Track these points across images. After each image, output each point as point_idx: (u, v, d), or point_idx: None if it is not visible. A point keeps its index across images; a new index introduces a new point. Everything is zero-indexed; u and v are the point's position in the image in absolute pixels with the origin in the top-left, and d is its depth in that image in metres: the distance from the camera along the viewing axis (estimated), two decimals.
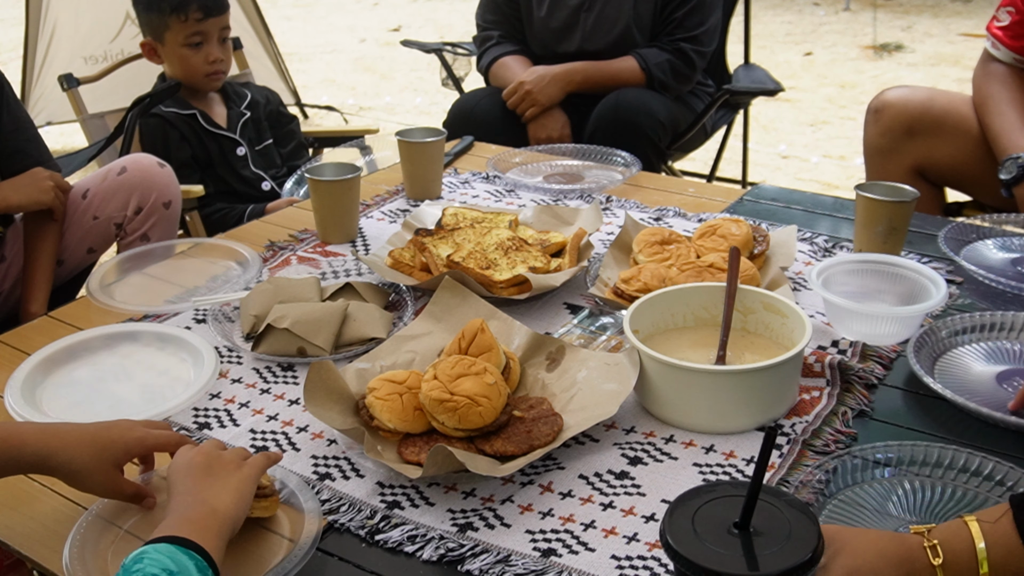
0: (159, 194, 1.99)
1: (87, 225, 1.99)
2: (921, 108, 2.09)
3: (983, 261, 1.60)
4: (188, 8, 2.29)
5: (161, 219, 2.04)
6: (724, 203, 1.93)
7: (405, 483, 1.10)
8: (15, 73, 4.61)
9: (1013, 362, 1.32)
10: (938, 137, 2.09)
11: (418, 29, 7.63)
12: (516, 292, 1.48)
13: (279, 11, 8.18)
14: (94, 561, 0.98)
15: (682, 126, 2.71)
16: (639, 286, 1.42)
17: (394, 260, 1.60)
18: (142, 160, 2.03)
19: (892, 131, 2.11)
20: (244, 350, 1.40)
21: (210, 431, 1.23)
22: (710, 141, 3.02)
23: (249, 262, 1.67)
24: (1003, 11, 2.01)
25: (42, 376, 1.35)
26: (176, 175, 2.10)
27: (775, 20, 7.31)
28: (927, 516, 1.03)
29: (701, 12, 2.59)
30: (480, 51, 2.80)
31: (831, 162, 4.30)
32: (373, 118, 5.27)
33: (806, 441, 1.15)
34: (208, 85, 2.40)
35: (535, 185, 2.04)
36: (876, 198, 1.56)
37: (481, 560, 0.98)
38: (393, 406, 1.14)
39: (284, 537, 1.03)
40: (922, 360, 1.28)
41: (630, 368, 1.20)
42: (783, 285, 1.44)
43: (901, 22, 7.06)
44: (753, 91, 2.83)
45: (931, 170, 2.16)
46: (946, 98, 2.13)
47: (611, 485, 1.09)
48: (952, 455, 1.08)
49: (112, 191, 1.98)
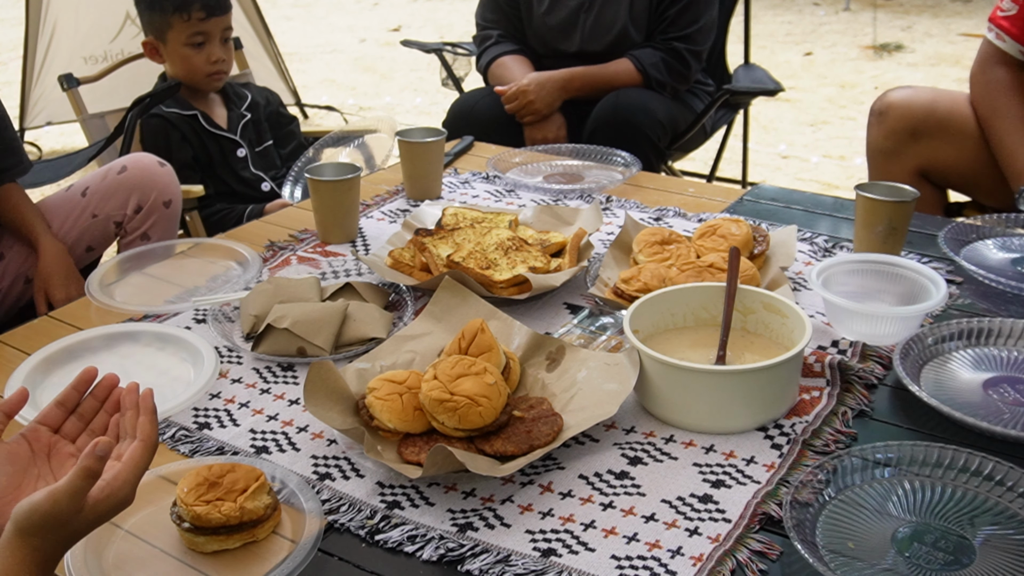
0: (159, 193, 1.99)
1: (86, 223, 1.99)
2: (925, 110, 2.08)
3: (983, 261, 1.60)
4: (191, 7, 2.29)
5: (161, 218, 2.04)
6: (724, 203, 1.93)
7: (405, 483, 1.10)
8: (15, 73, 4.62)
9: (1000, 369, 1.31)
10: (942, 139, 2.08)
11: (418, 29, 7.63)
12: (516, 292, 1.48)
13: (279, 11, 8.18)
14: (95, 561, 0.98)
15: (682, 126, 2.71)
16: (639, 286, 1.42)
17: (394, 260, 1.60)
18: (143, 159, 2.03)
19: (896, 133, 2.10)
20: (244, 350, 1.40)
21: (210, 431, 1.23)
22: (710, 141, 3.02)
23: (249, 262, 1.68)
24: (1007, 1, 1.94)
25: (42, 376, 1.35)
26: (177, 175, 2.10)
27: (775, 20, 7.31)
28: (927, 516, 1.03)
29: (694, 10, 2.59)
30: (479, 50, 2.80)
31: (831, 162, 4.30)
32: (373, 118, 5.27)
33: (806, 441, 1.15)
34: (209, 85, 2.40)
35: (535, 185, 2.04)
36: (876, 198, 1.56)
37: (481, 560, 0.98)
38: (393, 406, 1.14)
39: (285, 537, 1.03)
40: (908, 366, 1.27)
41: (630, 368, 1.20)
42: (783, 285, 1.44)
43: (901, 22, 7.06)
44: (753, 91, 2.83)
45: (935, 172, 2.15)
46: (949, 99, 2.12)
47: (611, 485, 1.09)
48: (952, 455, 1.08)
49: (112, 190, 1.98)
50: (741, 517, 1.03)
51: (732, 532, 1.01)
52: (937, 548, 0.98)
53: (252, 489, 1.01)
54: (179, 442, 1.21)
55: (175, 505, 1.02)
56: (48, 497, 0.82)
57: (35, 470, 0.93)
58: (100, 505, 0.85)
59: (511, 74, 2.64)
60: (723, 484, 1.08)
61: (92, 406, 0.98)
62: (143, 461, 0.90)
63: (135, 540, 1.03)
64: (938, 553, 0.97)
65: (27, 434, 0.94)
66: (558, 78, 2.56)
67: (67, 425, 0.97)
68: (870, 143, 2.20)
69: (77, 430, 0.97)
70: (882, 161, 2.16)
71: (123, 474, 0.87)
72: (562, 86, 2.56)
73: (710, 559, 0.97)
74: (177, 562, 1.00)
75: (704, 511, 1.04)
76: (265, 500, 1.03)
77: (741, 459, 1.13)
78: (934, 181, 2.18)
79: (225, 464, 1.05)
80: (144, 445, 0.90)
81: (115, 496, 0.86)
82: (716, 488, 1.08)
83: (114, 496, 0.86)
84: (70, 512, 0.83)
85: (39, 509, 0.82)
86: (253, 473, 1.04)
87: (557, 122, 2.60)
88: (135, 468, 0.88)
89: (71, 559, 0.96)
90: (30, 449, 0.94)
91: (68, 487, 0.82)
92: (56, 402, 0.97)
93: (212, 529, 0.99)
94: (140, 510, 1.05)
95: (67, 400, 0.97)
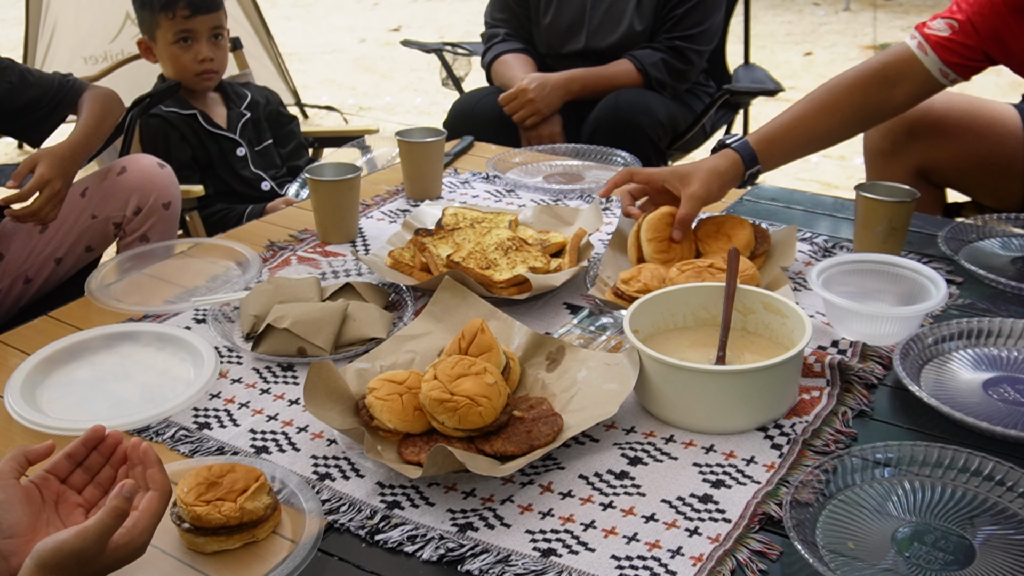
0: (159, 195, 1.99)
1: (85, 223, 1.99)
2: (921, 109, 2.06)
3: (983, 261, 1.60)
4: (176, 5, 2.30)
5: (160, 220, 2.04)
6: (724, 203, 1.93)
7: (405, 483, 1.10)
8: None
9: (1000, 369, 1.31)
10: (940, 138, 2.07)
11: (418, 29, 7.63)
12: (516, 292, 1.48)
13: (279, 11, 8.19)
14: None
15: (682, 126, 2.71)
16: (639, 286, 1.42)
17: (394, 260, 1.60)
18: (142, 160, 2.03)
19: (893, 132, 2.09)
20: (244, 350, 1.40)
21: (210, 431, 1.23)
22: (710, 141, 3.02)
23: (249, 262, 1.68)
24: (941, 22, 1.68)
25: (42, 376, 1.35)
26: (176, 175, 2.10)
27: (775, 20, 7.31)
28: (927, 516, 1.03)
29: (701, 11, 2.59)
30: (485, 47, 2.82)
31: (831, 162, 4.30)
32: (373, 118, 5.28)
33: (806, 441, 1.15)
34: (199, 84, 2.40)
35: (535, 185, 2.04)
36: (876, 198, 1.56)
37: (481, 560, 0.98)
38: (393, 406, 1.14)
39: (285, 538, 1.03)
40: (908, 366, 1.27)
41: (630, 368, 1.20)
42: (783, 285, 1.44)
43: (901, 22, 7.06)
44: (753, 91, 2.83)
45: (934, 171, 2.14)
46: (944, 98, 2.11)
47: (611, 485, 1.09)
48: (952, 455, 1.08)
49: (111, 191, 1.99)
50: (741, 517, 1.03)
51: (732, 532, 1.01)
52: (937, 548, 0.98)
53: (252, 489, 1.01)
54: (179, 442, 1.21)
55: (175, 505, 1.02)
56: (78, 535, 0.84)
57: (44, 516, 0.94)
58: (119, 551, 0.87)
59: (513, 72, 2.64)
60: (723, 484, 1.08)
61: (98, 461, 1.01)
62: (160, 509, 0.92)
63: None
64: (938, 553, 0.97)
65: (37, 481, 0.96)
66: (559, 79, 2.56)
67: (74, 476, 0.99)
68: (867, 144, 2.19)
69: (83, 482, 0.99)
70: (880, 162, 2.15)
71: (141, 523, 0.89)
72: (563, 87, 2.56)
73: (710, 559, 0.97)
74: (177, 562, 1.00)
75: (704, 511, 1.04)
76: (265, 500, 1.03)
77: (741, 459, 1.13)
78: (933, 181, 2.17)
79: (225, 464, 1.05)
80: (159, 495, 0.93)
81: (134, 543, 0.88)
82: (716, 488, 1.08)
83: (133, 543, 0.88)
84: (95, 551, 0.85)
85: (65, 547, 0.84)
86: (253, 473, 1.04)
87: (558, 124, 2.60)
88: (152, 516, 0.91)
89: None
90: (40, 496, 0.96)
91: (98, 526, 0.85)
92: (65, 454, 0.99)
93: (212, 529, 0.99)
94: None
95: (75, 454, 0.99)
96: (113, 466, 1.00)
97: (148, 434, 1.22)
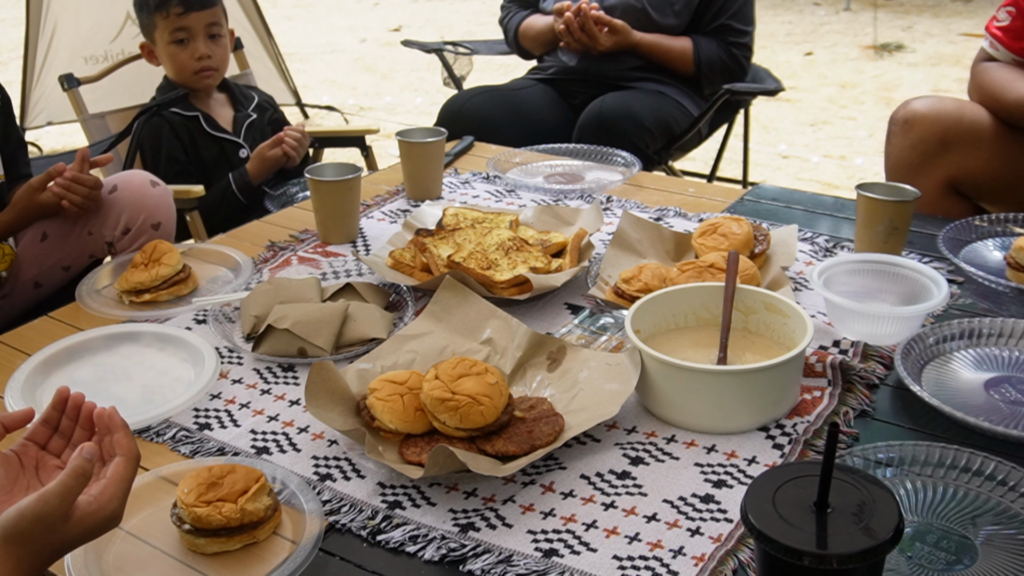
0: (148, 215, 1.95)
1: (84, 237, 1.98)
2: (953, 118, 1.97)
3: (983, 262, 1.60)
4: (169, 4, 2.29)
5: (149, 240, 2.01)
6: (724, 203, 1.93)
7: (406, 483, 1.10)
8: (15, 73, 4.62)
9: (1001, 369, 1.31)
10: (972, 148, 1.99)
11: (418, 29, 7.63)
12: (517, 292, 1.48)
13: (279, 11, 8.19)
14: (95, 563, 0.98)
15: (675, 128, 2.69)
16: (640, 286, 1.42)
17: (395, 260, 1.60)
18: (135, 179, 1.99)
19: (925, 142, 2.00)
20: (244, 351, 1.40)
21: (210, 432, 1.23)
22: (710, 141, 3.02)
23: (241, 267, 1.67)
24: (1003, 11, 1.95)
25: (42, 377, 1.35)
26: (173, 175, 2.08)
27: (775, 20, 7.31)
28: (929, 516, 1.03)
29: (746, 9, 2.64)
30: (504, 24, 2.90)
31: (831, 162, 4.30)
32: (373, 118, 5.28)
33: (807, 441, 1.14)
34: (199, 83, 2.39)
35: (535, 185, 2.04)
36: (877, 198, 1.56)
37: (483, 560, 0.98)
38: (394, 407, 1.14)
39: (286, 538, 1.03)
40: (909, 366, 1.27)
41: (631, 368, 1.20)
42: (784, 285, 1.44)
43: (901, 22, 7.06)
44: (753, 91, 2.83)
45: (966, 181, 2.06)
46: (973, 106, 2.06)
47: (613, 485, 1.09)
48: (953, 455, 1.08)
49: (103, 209, 1.96)
50: None
51: (734, 532, 1.01)
52: (939, 548, 0.98)
53: (253, 490, 1.01)
54: (179, 443, 1.20)
55: (175, 506, 1.02)
56: (38, 499, 0.82)
57: (24, 481, 0.94)
58: (87, 519, 0.85)
59: (543, 20, 2.72)
60: (725, 484, 1.08)
61: (69, 425, 1.00)
62: (128, 474, 0.90)
63: (135, 541, 1.02)
64: (940, 553, 0.97)
65: (16, 449, 0.96)
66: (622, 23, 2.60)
67: (53, 443, 0.99)
68: (893, 154, 2.08)
69: (61, 447, 0.99)
70: (907, 173, 2.04)
71: (109, 489, 0.87)
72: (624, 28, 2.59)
73: (712, 559, 0.97)
74: (177, 563, 1.00)
75: (706, 511, 1.04)
76: (266, 501, 1.02)
77: (743, 459, 1.12)
78: (964, 193, 2.09)
79: (225, 465, 1.05)
80: (126, 460, 0.91)
81: (103, 511, 0.86)
82: (718, 488, 1.08)
83: (102, 511, 0.86)
84: (58, 516, 0.83)
85: (27, 512, 0.82)
86: (253, 474, 1.04)
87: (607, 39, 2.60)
88: (120, 482, 0.89)
89: (71, 561, 0.96)
90: (20, 463, 0.95)
91: (59, 487, 0.83)
92: (41, 420, 0.99)
93: (212, 531, 0.99)
94: (140, 511, 1.05)
95: (49, 419, 0.99)
96: (85, 428, 0.99)
97: (149, 435, 1.22)
